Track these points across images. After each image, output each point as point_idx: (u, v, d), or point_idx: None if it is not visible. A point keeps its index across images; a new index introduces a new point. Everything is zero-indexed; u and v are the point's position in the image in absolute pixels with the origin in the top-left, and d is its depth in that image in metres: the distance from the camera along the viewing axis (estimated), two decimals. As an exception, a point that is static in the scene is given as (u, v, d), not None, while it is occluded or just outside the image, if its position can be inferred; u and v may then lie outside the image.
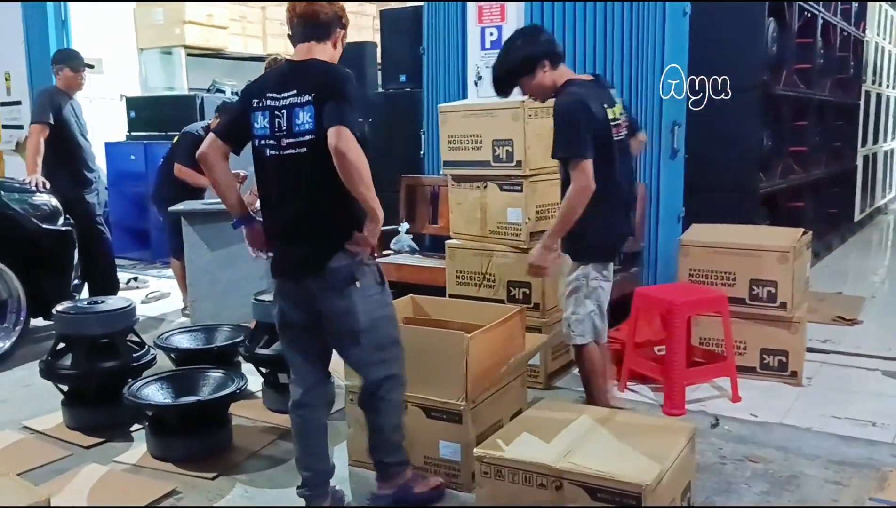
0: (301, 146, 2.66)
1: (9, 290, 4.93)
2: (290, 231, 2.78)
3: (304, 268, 2.76)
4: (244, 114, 2.80)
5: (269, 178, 2.78)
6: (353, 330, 2.77)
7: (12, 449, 3.63)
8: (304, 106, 2.64)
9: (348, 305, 2.73)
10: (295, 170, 2.70)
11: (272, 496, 3.19)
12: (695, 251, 4.42)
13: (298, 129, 2.65)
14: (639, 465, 2.56)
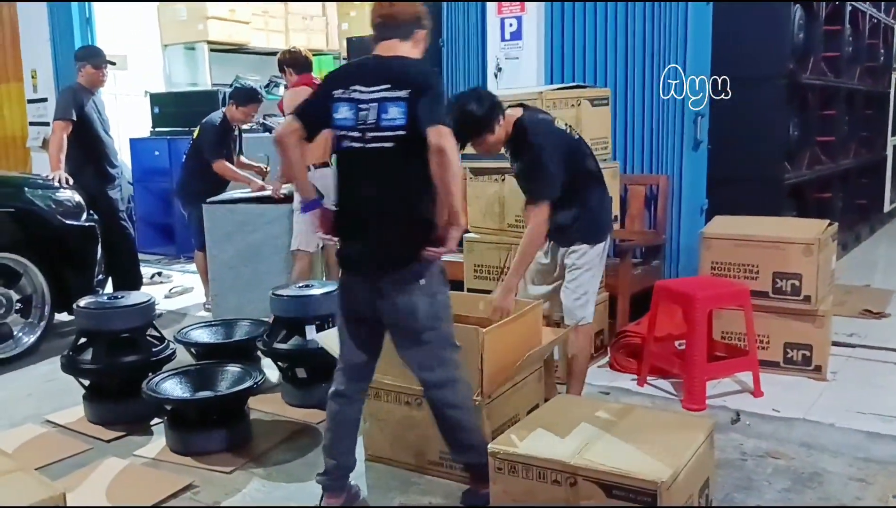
0: (388, 140, 2.67)
1: (33, 286, 4.98)
2: (366, 225, 2.74)
3: (374, 266, 2.74)
4: (325, 101, 2.79)
5: (349, 169, 2.81)
6: (416, 328, 2.76)
7: (35, 443, 3.68)
8: (396, 101, 2.64)
9: (413, 304, 2.72)
10: (378, 163, 2.70)
11: (289, 490, 3.19)
12: (717, 243, 4.37)
13: (387, 124, 2.66)
14: (655, 462, 2.53)
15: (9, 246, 4.86)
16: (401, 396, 3.28)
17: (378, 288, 2.74)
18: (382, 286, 2.73)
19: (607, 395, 4.05)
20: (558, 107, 4.16)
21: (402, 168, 2.67)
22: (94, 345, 3.87)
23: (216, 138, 5.72)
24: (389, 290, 2.72)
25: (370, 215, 2.74)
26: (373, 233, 2.74)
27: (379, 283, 2.73)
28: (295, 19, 9.93)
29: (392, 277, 2.71)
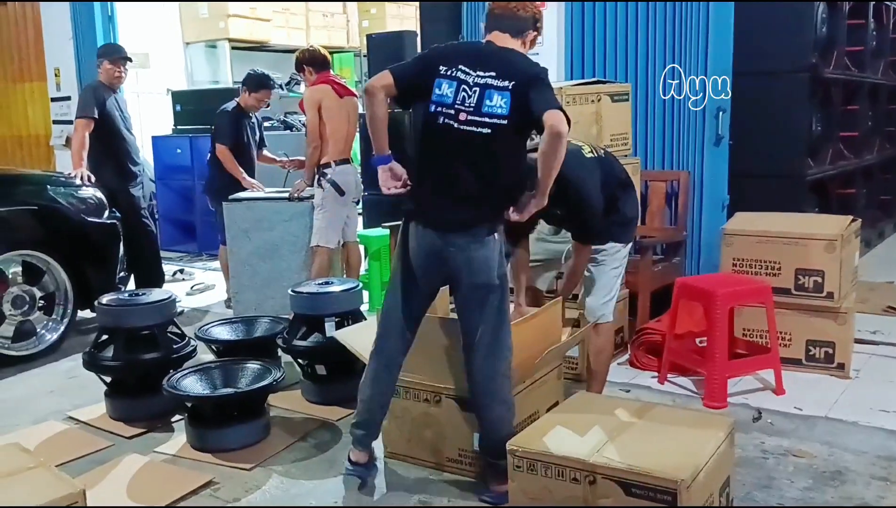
0: (485, 126, 2.72)
1: (56, 283, 5.02)
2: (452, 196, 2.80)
3: (454, 225, 2.79)
4: (428, 73, 2.82)
5: (437, 148, 2.83)
6: (488, 283, 2.81)
7: (57, 440, 3.70)
8: (502, 90, 2.70)
9: (487, 254, 2.79)
10: (470, 145, 2.74)
11: (308, 487, 3.19)
12: (738, 240, 4.33)
13: (488, 110, 2.71)
14: (674, 460, 2.51)
15: (32, 243, 4.90)
16: (420, 393, 3.28)
17: (450, 244, 2.80)
18: (456, 241, 2.80)
19: (627, 393, 4.03)
20: (578, 102, 4.14)
21: (493, 155, 2.75)
22: (116, 342, 3.90)
23: (227, 124, 5.76)
24: (466, 244, 2.79)
25: (451, 194, 2.80)
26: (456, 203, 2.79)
27: (452, 239, 2.80)
28: (315, 16, 9.98)
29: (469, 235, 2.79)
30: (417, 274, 2.94)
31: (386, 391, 3.12)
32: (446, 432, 3.21)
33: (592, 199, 3.29)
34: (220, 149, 5.73)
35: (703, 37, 4.76)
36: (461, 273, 2.84)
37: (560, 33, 5.24)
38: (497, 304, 2.86)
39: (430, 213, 2.86)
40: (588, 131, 4.20)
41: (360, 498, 3.11)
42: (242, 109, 5.84)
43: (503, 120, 2.70)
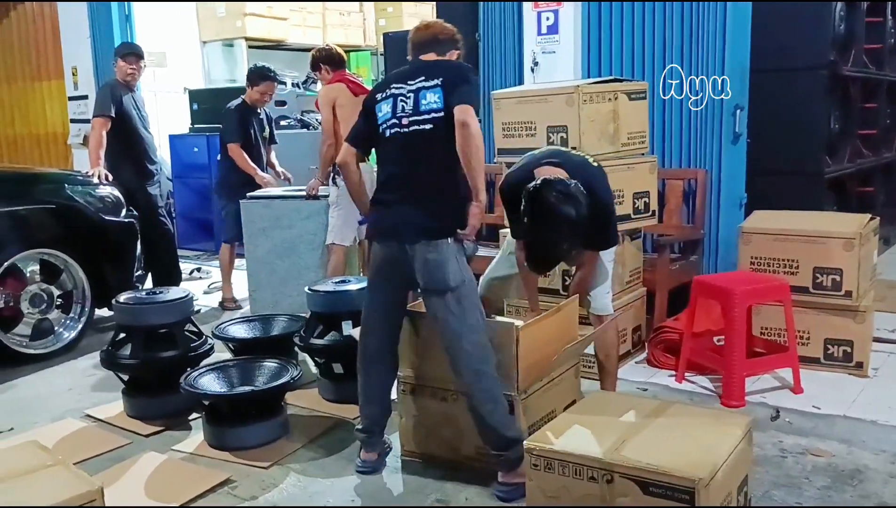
0: (426, 123, 2.95)
1: (74, 281, 5.05)
2: (403, 200, 2.99)
3: (408, 232, 2.96)
4: (368, 120, 3.13)
5: (389, 155, 3.07)
6: (445, 286, 2.93)
7: (74, 437, 3.72)
8: (432, 88, 2.96)
9: (441, 258, 2.92)
10: (417, 143, 2.97)
11: (325, 485, 3.20)
12: (756, 238, 4.30)
13: (425, 108, 2.95)
14: (692, 458, 2.49)
15: (50, 242, 4.93)
16: (437, 392, 3.28)
17: (410, 253, 2.96)
18: (415, 249, 2.94)
19: (645, 391, 4.02)
20: (595, 101, 4.12)
21: (439, 146, 2.92)
22: (133, 340, 3.91)
23: (233, 121, 5.81)
24: (422, 250, 2.93)
25: (403, 198, 2.99)
26: (408, 206, 2.97)
27: (410, 248, 2.96)
28: (332, 15, 9.98)
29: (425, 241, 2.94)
30: (382, 281, 3.13)
31: (380, 388, 3.25)
32: (463, 430, 3.20)
33: (613, 205, 3.39)
34: (231, 148, 5.76)
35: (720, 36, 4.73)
36: (418, 277, 2.98)
37: (577, 32, 5.22)
38: (459, 306, 2.95)
39: (386, 223, 3.06)
40: (605, 130, 4.18)
41: (378, 497, 3.12)
42: (249, 105, 5.88)
43: (440, 113, 2.92)
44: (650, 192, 4.36)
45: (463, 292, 2.96)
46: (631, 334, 4.44)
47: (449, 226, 2.95)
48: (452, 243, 2.95)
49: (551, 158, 3.30)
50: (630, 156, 4.33)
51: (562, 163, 3.23)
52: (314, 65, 5.42)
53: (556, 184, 3.00)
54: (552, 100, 4.16)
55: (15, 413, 4.07)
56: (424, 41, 3.20)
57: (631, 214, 4.28)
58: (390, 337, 3.22)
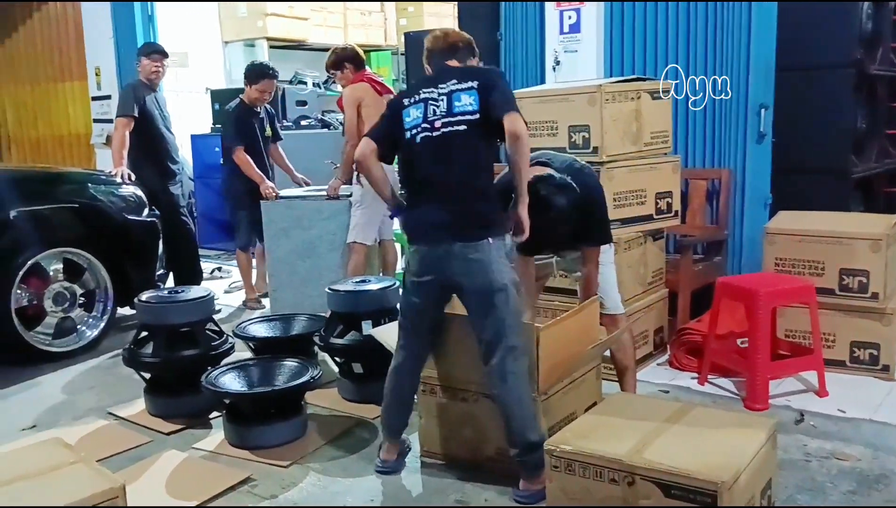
0: (460, 124, 2.92)
1: (96, 280, 5.09)
2: (441, 204, 2.94)
3: (447, 234, 2.91)
4: (393, 123, 3.09)
5: (422, 160, 3.00)
6: (490, 286, 2.89)
7: (97, 435, 3.75)
8: (467, 90, 2.94)
9: (484, 258, 2.88)
10: (452, 145, 2.94)
11: (345, 485, 3.20)
12: (781, 239, 4.26)
13: (458, 110, 2.93)
14: (715, 461, 2.47)
15: (73, 241, 4.97)
16: (457, 392, 3.26)
17: (451, 253, 2.91)
18: (456, 250, 2.90)
19: (667, 394, 3.98)
20: (617, 100, 4.09)
21: (473, 150, 2.93)
22: (155, 339, 3.93)
23: (233, 124, 5.76)
24: (464, 251, 2.89)
25: (443, 191, 2.95)
26: (446, 207, 2.93)
27: (452, 249, 2.90)
28: (353, 15, 10.00)
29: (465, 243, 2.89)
30: (424, 284, 3.04)
31: (407, 388, 3.24)
32: (484, 431, 3.19)
33: (603, 197, 3.46)
34: (237, 154, 5.68)
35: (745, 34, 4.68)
36: (461, 279, 2.94)
37: (600, 31, 5.19)
38: (503, 307, 2.91)
39: (425, 225, 3.00)
40: (628, 129, 4.16)
41: (398, 497, 3.11)
42: (247, 105, 5.83)
43: (475, 115, 2.91)
44: (673, 192, 4.33)
45: (510, 292, 2.92)
46: (653, 335, 4.41)
47: (489, 226, 2.92)
48: (494, 242, 2.91)
49: (539, 159, 3.35)
50: (653, 156, 4.30)
51: (549, 163, 3.32)
52: (338, 63, 5.34)
53: (545, 177, 3.16)
54: (574, 100, 4.14)
55: (38, 410, 4.10)
56: (443, 49, 3.22)
57: (653, 214, 4.25)
58: (428, 342, 3.20)
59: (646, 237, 4.28)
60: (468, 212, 2.92)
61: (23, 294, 4.77)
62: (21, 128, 10.57)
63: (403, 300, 3.16)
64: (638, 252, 4.23)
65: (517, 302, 2.98)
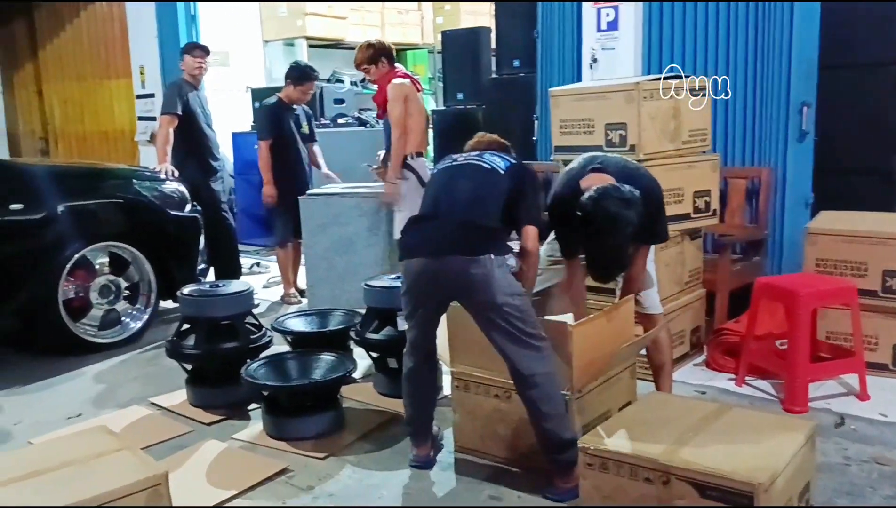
0: (486, 164, 3.11)
1: (140, 274, 5.18)
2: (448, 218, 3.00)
3: (449, 247, 2.91)
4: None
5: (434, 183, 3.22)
6: (493, 301, 2.86)
7: (140, 424, 3.83)
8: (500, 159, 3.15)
9: (485, 273, 2.84)
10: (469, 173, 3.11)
11: (380, 478, 3.23)
12: (823, 239, 4.19)
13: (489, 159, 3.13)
14: (752, 462, 2.44)
15: (118, 235, 5.06)
16: (490, 389, 3.27)
17: (453, 269, 2.89)
18: (457, 265, 2.88)
19: (703, 394, 3.95)
20: (655, 97, 4.06)
21: (489, 183, 3.04)
22: (197, 331, 4.00)
23: (267, 119, 5.75)
24: (465, 266, 2.86)
25: (447, 207, 3.02)
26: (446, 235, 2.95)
27: (453, 264, 2.89)
28: (390, 13, 10.05)
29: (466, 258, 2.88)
30: (415, 298, 3.07)
31: (426, 387, 3.25)
32: (517, 427, 3.19)
33: (662, 198, 3.37)
34: (260, 145, 5.70)
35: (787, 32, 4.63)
36: (461, 294, 2.96)
37: (638, 29, 5.17)
38: (512, 318, 2.88)
39: (423, 242, 3.00)
40: (665, 127, 4.12)
41: (431, 492, 3.13)
42: (285, 103, 5.82)
43: (500, 171, 3.06)
44: (711, 191, 4.29)
45: (516, 302, 2.89)
46: (689, 336, 4.38)
47: (492, 242, 2.91)
48: (496, 259, 2.87)
49: (592, 165, 3.27)
50: (691, 154, 4.26)
51: (605, 168, 3.22)
52: (375, 58, 5.19)
53: (612, 191, 3.01)
54: (611, 98, 4.12)
55: (83, 399, 4.20)
56: (481, 147, 3.37)
57: (691, 213, 4.22)
58: (434, 337, 3.21)
59: (683, 236, 4.25)
60: (471, 226, 2.93)
61: (70, 286, 4.87)
62: (67, 125, 10.78)
63: (404, 306, 3.14)
64: (675, 251, 4.20)
65: (528, 307, 2.96)
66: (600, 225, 2.99)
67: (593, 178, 3.14)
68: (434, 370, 3.25)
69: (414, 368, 3.19)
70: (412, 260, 3.00)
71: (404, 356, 3.23)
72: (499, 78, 6.64)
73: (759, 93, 4.80)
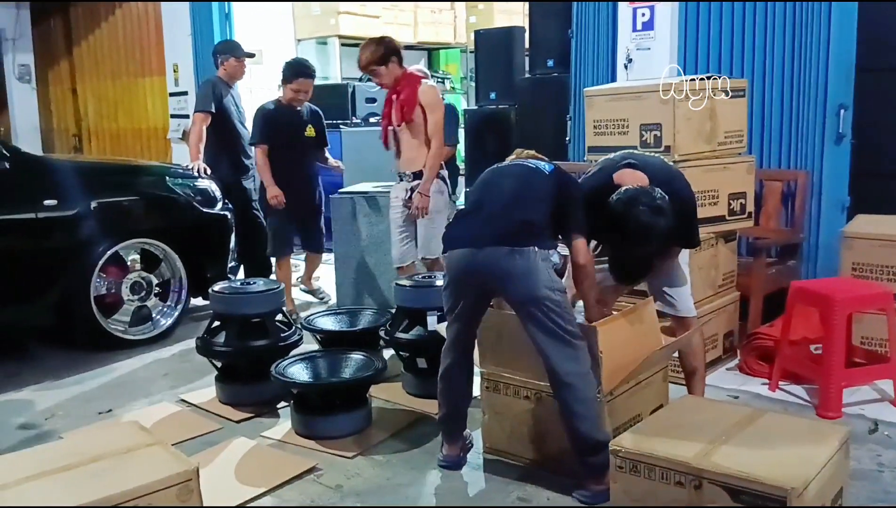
0: (532, 164, 3.13)
1: (172, 271, 5.21)
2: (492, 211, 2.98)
3: (489, 238, 2.89)
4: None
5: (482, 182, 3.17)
6: (534, 295, 2.83)
7: (170, 420, 3.85)
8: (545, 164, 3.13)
9: (527, 265, 2.82)
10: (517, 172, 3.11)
11: (408, 478, 3.22)
12: (859, 243, 4.13)
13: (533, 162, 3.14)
14: (785, 467, 2.41)
15: (150, 232, 5.09)
16: (520, 390, 3.26)
17: (495, 259, 2.86)
18: (500, 255, 2.85)
19: (736, 399, 3.90)
20: (691, 98, 4.03)
21: (536, 184, 3.02)
22: (227, 329, 4.02)
23: (258, 123, 5.33)
24: (508, 257, 2.84)
25: (494, 202, 2.99)
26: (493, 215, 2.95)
27: (496, 255, 2.86)
28: (423, 12, 10.03)
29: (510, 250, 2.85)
30: (456, 290, 3.04)
31: (462, 385, 3.21)
32: (547, 429, 3.17)
33: (695, 204, 3.32)
34: (255, 153, 5.34)
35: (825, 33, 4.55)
36: (504, 285, 2.92)
37: (674, 29, 5.12)
38: (551, 312, 2.85)
39: (467, 233, 2.99)
40: (701, 128, 4.09)
41: (460, 493, 3.13)
42: (284, 105, 5.39)
43: (545, 172, 3.05)
44: (747, 193, 4.24)
45: (556, 298, 2.87)
46: (722, 339, 4.33)
47: (536, 236, 2.89)
48: (540, 253, 2.85)
49: (629, 160, 3.22)
50: (727, 156, 4.23)
51: (641, 167, 3.17)
52: (386, 57, 4.54)
53: (643, 196, 2.97)
54: (646, 98, 4.09)
55: (114, 395, 4.24)
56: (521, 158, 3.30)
57: (726, 215, 4.18)
58: (470, 352, 3.20)
59: (718, 238, 4.20)
60: (515, 219, 2.91)
61: (102, 282, 4.92)
62: (101, 122, 10.90)
63: (445, 301, 3.11)
64: (709, 253, 4.16)
65: (567, 304, 2.94)
66: (629, 232, 2.96)
67: (626, 175, 3.11)
68: (470, 369, 3.23)
69: (451, 365, 3.17)
70: (455, 251, 2.99)
71: (442, 353, 3.20)
72: (532, 77, 6.60)
73: (795, 95, 4.73)
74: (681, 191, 3.17)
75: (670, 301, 3.42)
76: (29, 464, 2.50)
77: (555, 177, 3.05)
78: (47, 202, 4.62)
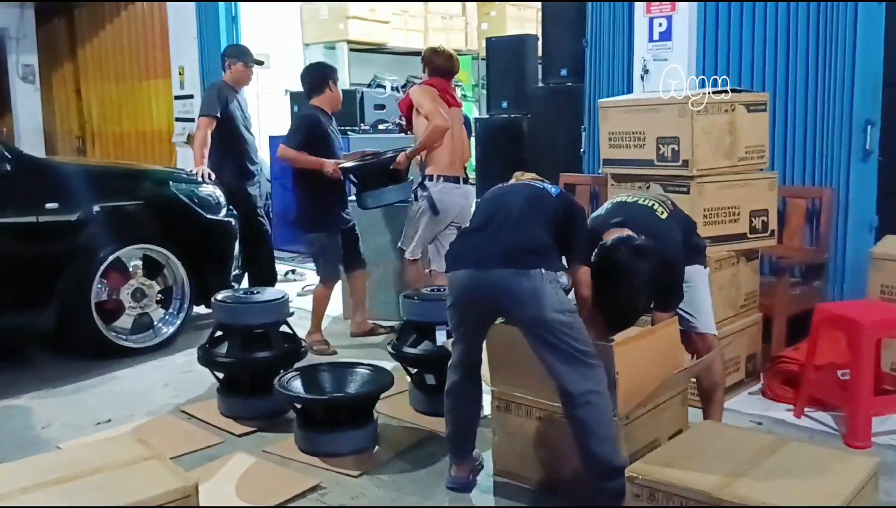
0: (539, 184, 3.09)
1: (174, 278, 5.11)
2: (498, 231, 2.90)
3: (495, 259, 2.81)
4: None
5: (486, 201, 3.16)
6: (540, 317, 2.74)
7: (170, 433, 3.76)
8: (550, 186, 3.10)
9: (534, 286, 2.74)
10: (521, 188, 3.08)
11: (415, 499, 3.11)
12: (889, 265, 4.01)
13: (541, 183, 3.09)
14: (811, 500, 2.30)
15: (153, 237, 5.01)
16: (532, 411, 3.15)
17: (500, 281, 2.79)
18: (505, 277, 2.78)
19: (759, 425, 3.78)
20: (710, 111, 3.92)
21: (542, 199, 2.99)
22: (230, 339, 3.92)
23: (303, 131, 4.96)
24: (514, 279, 2.77)
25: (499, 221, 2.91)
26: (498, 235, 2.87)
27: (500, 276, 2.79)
28: (434, 19, 9.97)
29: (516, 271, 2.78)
30: (460, 311, 2.96)
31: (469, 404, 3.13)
32: (560, 451, 3.05)
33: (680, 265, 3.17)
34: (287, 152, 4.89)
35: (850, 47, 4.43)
36: (511, 308, 2.83)
37: (692, 39, 5.01)
38: (562, 334, 2.76)
39: (471, 253, 2.91)
40: (720, 142, 3.99)
41: (470, 516, 3.01)
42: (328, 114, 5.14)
43: (551, 193, 3.02)
44: (769, 211, 4.13)
45: (567, 318, 2.77)
46: (745, 362, 4.19)
47: (543, 257, 2.81)
48: (547, 274, 2.77)
49: (615, 218, 3.18)
50: (748, 172, 4.11)
51: (626, 222, 3.13)
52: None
53: (624, 240, 2.98)
54: (663, 110, 3.99)
55: (113, 405, 4.14)
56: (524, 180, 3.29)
57: (747, 233, 4.06)
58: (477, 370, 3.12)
59: (738, 257, 4.08)
60: (521, 240, 2.83)
61: (103, 288, 4.82)
62: (105, 124, 10.86)
63: (449, 319, 3.03)
64: (729, 272, 4.03)
65: (580, 324, 2.83)
66: (611, 275, 2.93)
67: (614, 232, 3.09)
68: (478, 386, 3.13)
69: (457, 383, 3.07)
70: (458, 272, 2.91)
71: (448, 370, 3.10)
72: (545, 87, 6.50)
73: (820, 109, 4.59)
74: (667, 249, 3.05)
75: (689, 319, 3.31)
76: (24, 475, 2.45)
77: (560, 198, 3.04)
78: (49, 205, 4.55)
